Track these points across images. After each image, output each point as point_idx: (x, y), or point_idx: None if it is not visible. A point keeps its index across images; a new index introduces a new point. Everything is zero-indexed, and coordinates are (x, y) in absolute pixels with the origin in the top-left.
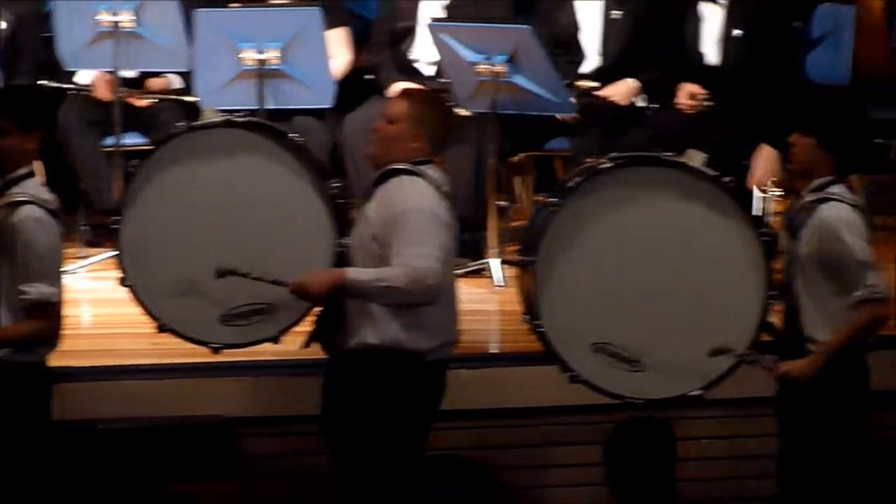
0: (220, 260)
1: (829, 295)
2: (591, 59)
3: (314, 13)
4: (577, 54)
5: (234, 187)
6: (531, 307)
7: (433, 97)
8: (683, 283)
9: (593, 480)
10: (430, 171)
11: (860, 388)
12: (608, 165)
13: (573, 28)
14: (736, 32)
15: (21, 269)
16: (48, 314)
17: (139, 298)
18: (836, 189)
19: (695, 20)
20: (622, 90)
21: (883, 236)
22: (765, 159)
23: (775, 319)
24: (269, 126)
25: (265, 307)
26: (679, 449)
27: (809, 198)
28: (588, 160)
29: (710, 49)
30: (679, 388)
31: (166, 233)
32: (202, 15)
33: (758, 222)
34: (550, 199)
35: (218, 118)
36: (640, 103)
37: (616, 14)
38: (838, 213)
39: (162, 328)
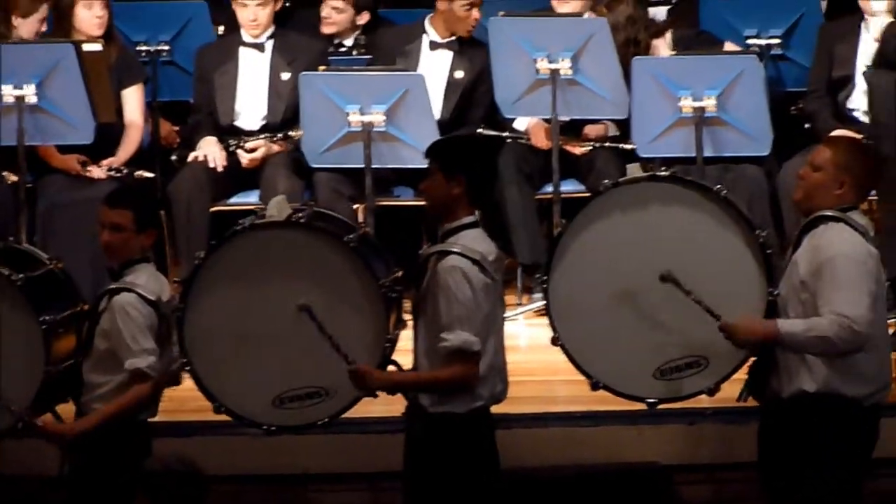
0: (651, 312)
1: None
2: None
3: (753, 61)
4: None
5: (660, 239)
6: None
7: (857, 144)
8: None
9: None
10: (856, 217)
11: None
12: None
13: None
14: None
15: (442, 316)
16: (468, 361)
17: (571, 356)
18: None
19: None
20: None
21: None
22: None
23: None
24: (692, 180)
25: (698, 359)
26: None
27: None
28: None
29: None
30: None
31: (595, 288)
32: (640, 63)
33: None
34: None
35: (642, 174)
36: None
37: None
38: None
39: (595, 386)
